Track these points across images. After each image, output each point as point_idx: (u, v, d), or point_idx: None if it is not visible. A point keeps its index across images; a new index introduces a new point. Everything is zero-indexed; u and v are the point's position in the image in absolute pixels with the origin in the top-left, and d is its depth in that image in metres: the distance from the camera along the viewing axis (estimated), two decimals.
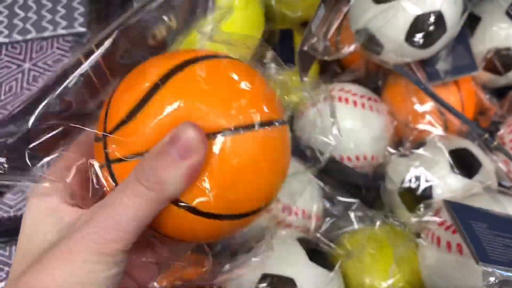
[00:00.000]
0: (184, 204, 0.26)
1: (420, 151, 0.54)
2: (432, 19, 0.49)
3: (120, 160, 0.26)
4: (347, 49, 0.53)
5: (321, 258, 0.45)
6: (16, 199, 0.46)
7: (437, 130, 0.56)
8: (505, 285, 0.31)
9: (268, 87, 0.29)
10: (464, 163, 0.52)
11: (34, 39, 0.54)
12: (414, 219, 0.47)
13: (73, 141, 0.29)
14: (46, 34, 0.54)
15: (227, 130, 0.25)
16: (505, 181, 0.52)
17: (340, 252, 0.50)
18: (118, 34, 0.30)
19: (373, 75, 0.63)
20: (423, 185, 0.52)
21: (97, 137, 0.27)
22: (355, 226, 0.53)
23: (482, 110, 0.61)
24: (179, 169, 0.24)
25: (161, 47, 0.35)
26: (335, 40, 0.56)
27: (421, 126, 0.57)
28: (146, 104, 0.25)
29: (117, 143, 0.26)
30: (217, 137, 0.25)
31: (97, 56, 0.29)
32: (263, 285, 0.43)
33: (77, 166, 0.28)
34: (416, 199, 0.52)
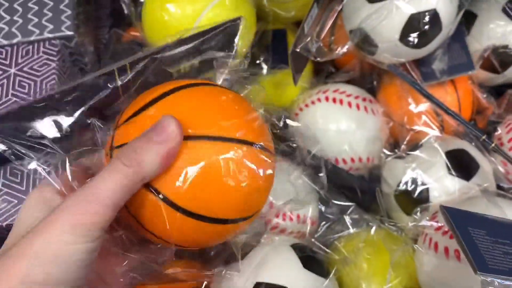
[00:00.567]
0: (158, 192, 0.29)
1: (416, 152, 0.53)
2: (427, 18, 0.48)
3: (119, 146, 0.30)
4: (340, 50, 0.51)
5: (315, 265, 0.44)
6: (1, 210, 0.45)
7: (433, 131, 0.55)
8: None
9: (253, 114, 0.33)
10: (461, 164, 0.51)
11: (20, 43, 0.53)
12: (411, 224, 0.46)
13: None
14: (32, 38, 0.53)
15: (203, 136, 0.30)
16: (503, 183, 0.51)
17: (335, 257, 0.49)
18: (149, 61, 0.37)
19: (368, 75, 0.62)
20: (419, 187, 0.51)
21: (109, 133, 0.33)
22: (351, 230, 0.52)
23: (479, 109, 0.60)
24: (155, 151, 0.27)
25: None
26: (329, 40, 0.55)
27: (417, 127, 0.56)
28: (145, 110, 0.31)
29: (120, 134, 0.31)
30: (193, 139, 0.29)
31: (130, 75, 0.36)
32: None
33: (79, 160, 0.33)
34: (413, 202, 0.51)
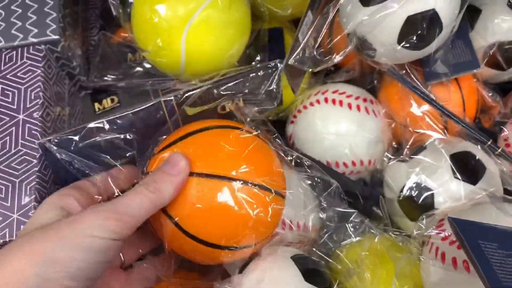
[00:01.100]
0: (172, 217, 0.37)
1: (420, 156, 0.51)
2: (426, 18, 0.45)
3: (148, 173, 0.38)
4: (338, 57, 0.49)
5: (317, 278, 0.42)
6: None
7: (437, 132, 0.52)
8: None
9: (272, 161, 0.41)
10: (467, 167, 0.49)
11: (3, 48, 0.51)
12: (416, 232, 0.44)
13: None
14: (16, 43, 0.50)
15: (203, 174, 0.37)
16: (510, 186, 0.49)
17: (338, 267, 0.47)
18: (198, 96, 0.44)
19: (368, 74, 0.59)
20: (424, 193, 0.49)
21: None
22: (353, 238, 0.50)
23: (484, 108, 0.58)
24: (169, 181, 0.35)
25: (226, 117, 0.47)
26: (327, 45, 0.52)
27: (420, 130, 0.53)
28: (172, 145, 0.39)
29: (152, 162, 0.39)
30: (196, 175, 0.37)
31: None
32: None
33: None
34: (418, 208, 0.49)
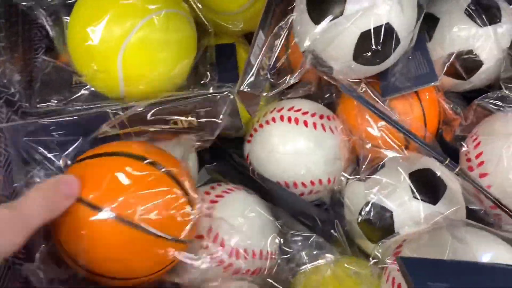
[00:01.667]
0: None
1: (378, 175, 0.48)
2: (380, 33, 0.43)
3: None
4: (294, 78, 0.47)
5: None
6: None
7: (395, 149, 0.50)
8: None
9: (165, 202, 0.37)
10: (427, 186, 0.47)
11: None
12: (372, 261, 0.41)
13: None
14: None
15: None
16: (474, 204, 0.47)
17: None
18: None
19: (326, 88, 0.57)
20: (382, 214, 0.46)
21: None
22: (310, 265, 0.48)
23: (446, 119, 0.56)
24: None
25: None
26: (283, 65, 0.50)
27: (379, 145, 0.51)
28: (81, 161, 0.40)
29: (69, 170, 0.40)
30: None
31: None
32: None
33: None
34: (377, 230, 0.47)
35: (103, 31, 0.42)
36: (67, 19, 0.48)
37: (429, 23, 0.54)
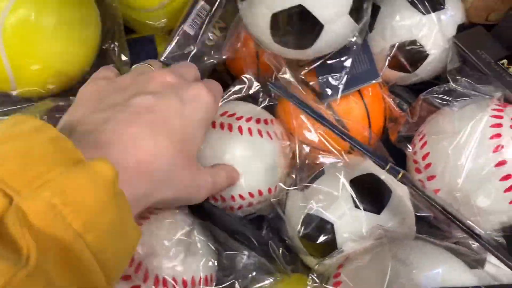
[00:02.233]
0: None
1: (316, 184, 0.44)
2: (293, 15, 0.39)
3: None
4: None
5: None
6: None
7: (334, 154, 0.46)
8: None
9: None
10: (370, 194, 0.42)
11: None
12: (309, 285, 0.37)
13: None
14: None
15: None
16: (422, 210, 0.43)
17: None
18: None
19: (265, 90, 0.52)
20: (323, 228, 0.42)
21: None
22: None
23: (393, 117, 0.52)
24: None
25: None
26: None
27: (317, 150, 0.47)
28: None
29: None
30: None
31: None
32: None
33: None
34: (319, 246, 0.42)
35: None
36: None
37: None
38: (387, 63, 0.50)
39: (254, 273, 0.43)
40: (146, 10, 0.50)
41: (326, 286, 0.36)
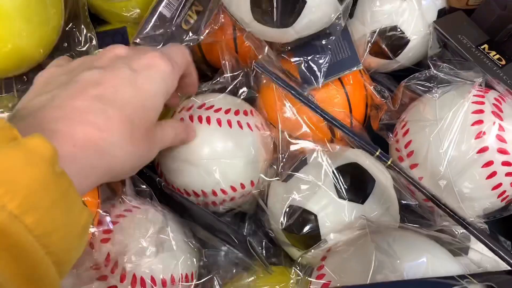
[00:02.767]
0: None
1: (300, 173, 0.43)
2: None
3: None
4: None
5: None
6: None
7: (318, 142, 0.45)
8: None
9: None
10: (354, 183, 0.42)
11: None
12: (293, 279, 0.36)
13: None
14: None
15: None
16: (407, 199, 0.42)
17: None
18: None
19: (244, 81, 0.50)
20: (306, 219, 0.41)
21: None
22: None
23: (375, 104, 0.51)
24: None
25: None
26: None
27: (301, 139, 0.46)
28: None
29: None
30: None
31: None
32: None
33: None
34: (303, 238, 0.42)
35: None
36: None
37: None
38: (368, 50, 0.49)
39: (234, 270, 0.43)
40: (119, 0, 0.48)
41: (309, 279, 0.35)
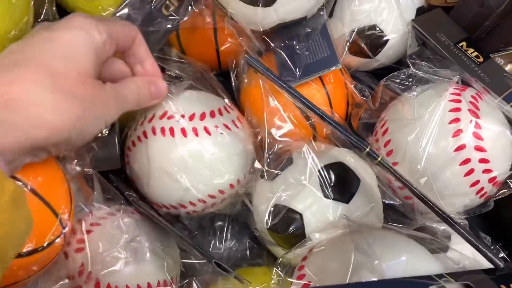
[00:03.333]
0: None
1: (285, 172, 0.43)
2: None
3: None
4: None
5: None
6: None
7: (304, 140, 0.45)
8: None
9: None
10: (339, 182, 0.42)
11: None
12: (275, 279, 0.36)
13: None
14: None
15: None
16: (391, 199, 0.43)
17: None
18: None
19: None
20: (291, 218, 0.41)
21: None
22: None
23: (355, 103, 0.51)
24: None
25: None
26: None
27: (286, 138, 0.46)
28: None
29: None
30: None
31: None
32: None
33: None
34: (288, 237, 0.42)
35: None
36: None
37: None
38: (347, 49, 0.49)
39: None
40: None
41: (290, 279, 0.35)
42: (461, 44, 0.47)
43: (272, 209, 0.43)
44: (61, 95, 0.29)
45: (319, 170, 0.42)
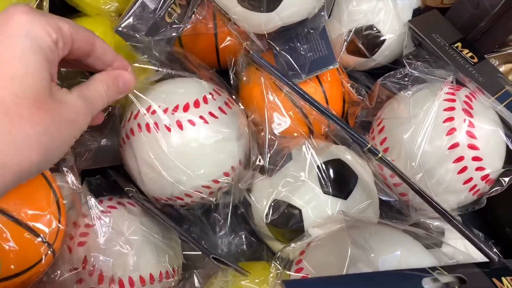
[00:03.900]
0: None
1: (284, 169, 0.44)
2: None
3: None
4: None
5: None
6: None
7: (303, 137, 0.46)
8: None
9: None
10: (337, 179, 0.43)
11: None
12: (274, 272, 0.37)
13: None
14: None
15: None
16: (387, 196, 0.43)
17: None
18: None
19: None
20: (290, 213, 0.42)
21: None
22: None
23: (351, 101, 0.52)
24: None
25: None
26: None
27: (286, 135, 0.46)
28: None
29: None
30: None
31: None
32: None
33: None
34: (287, 232, 0.43)
35: None
36: None
37: None
38: (344, 48, 0.50)
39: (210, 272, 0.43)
40: None
41: (288, 272, 0.36)
42: (456, 45, 0.48)
43: (272, 204, 0.43)
44: (19, 133, 0.27)
45: (318, 166, 0.43)
